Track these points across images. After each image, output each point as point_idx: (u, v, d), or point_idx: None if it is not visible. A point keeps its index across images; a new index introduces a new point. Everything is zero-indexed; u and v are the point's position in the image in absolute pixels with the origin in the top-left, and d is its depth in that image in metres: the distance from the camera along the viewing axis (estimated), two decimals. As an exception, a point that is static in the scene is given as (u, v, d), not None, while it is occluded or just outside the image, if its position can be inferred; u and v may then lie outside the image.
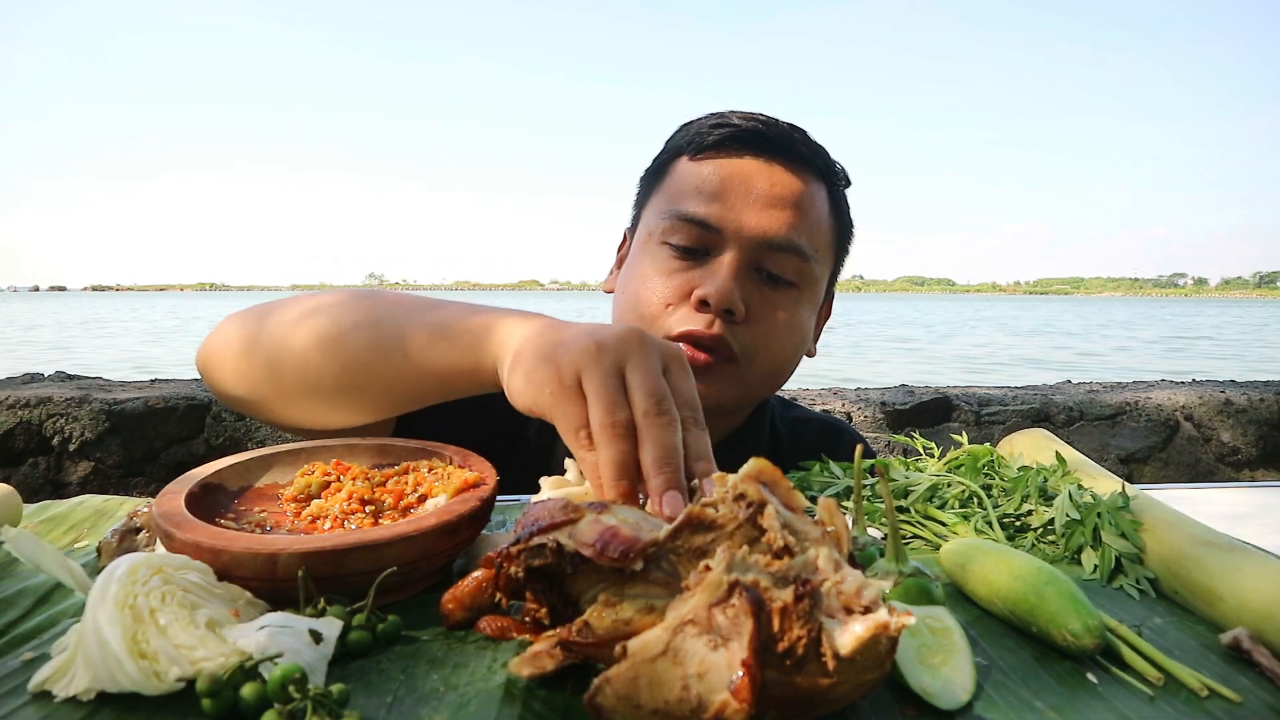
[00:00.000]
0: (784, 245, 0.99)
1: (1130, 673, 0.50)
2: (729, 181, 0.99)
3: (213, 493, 0.66)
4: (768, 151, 1.01)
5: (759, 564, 0.42)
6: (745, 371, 0.99)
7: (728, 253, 0.98)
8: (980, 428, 2.75)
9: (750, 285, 0.99)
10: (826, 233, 1.05)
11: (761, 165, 1.00)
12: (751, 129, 1.01)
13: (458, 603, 0.54)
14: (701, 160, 1.02)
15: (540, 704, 0.46)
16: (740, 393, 1.01)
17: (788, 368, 1.06)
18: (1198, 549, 0.61)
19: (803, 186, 1.01)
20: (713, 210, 0.98)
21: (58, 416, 2.36)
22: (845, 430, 1.26)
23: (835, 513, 0.49)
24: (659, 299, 0.99)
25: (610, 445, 0.59)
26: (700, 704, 0.39)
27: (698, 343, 0.96)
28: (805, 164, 1.03)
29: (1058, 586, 0.53)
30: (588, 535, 0.46)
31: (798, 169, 1.02)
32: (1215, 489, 1.02)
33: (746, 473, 0.47)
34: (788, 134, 1.02)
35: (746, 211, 0.98)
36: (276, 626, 0.46)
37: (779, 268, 1.00)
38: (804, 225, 1.00)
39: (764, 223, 0.98)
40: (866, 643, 0.40)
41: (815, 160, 1.04)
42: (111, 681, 0.44)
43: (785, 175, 1.00)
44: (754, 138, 1.01)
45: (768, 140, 1.01)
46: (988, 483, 0.82)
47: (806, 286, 1.03)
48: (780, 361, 1.03)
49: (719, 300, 0.95)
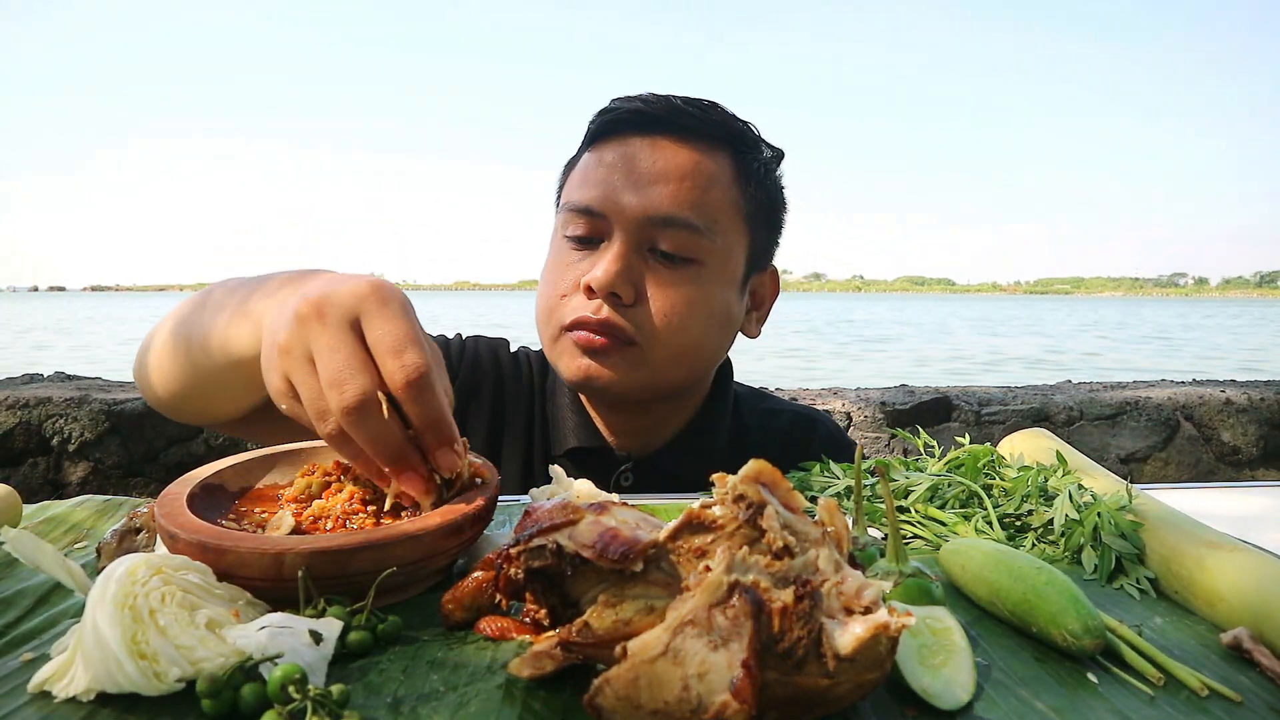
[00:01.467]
0: (670, 220, 0.96)
1: (1131, 673, 0.50)
2: (612, 165, 0.98)
3: (213, 494, 0.66)
4: (651, 129, 0.99)
5: (759, 565, 0.42)
6: (647, 354, 0.97)
7: (615, 236, 0.96)
8: (980, 427, 2.75)
9: (641, 266, 0.97)
10: (729, 204, 1.00)
11: (644, 143, 0.98)
12: (631, 109, 1.00)
13: (458, 603, 0.54)
14: (594, 150, 1.02)
15: (540, 704, 0.46)
16: (647, 376, 0.99)
17: (702, 348, 1.02)
18: (1198, 549, 0.61)
19: (692, 157, 0.98)
20: (595, 196, 0.97)
21: (57, 417, 2.36)
22: (820, 423, 1.22)
23: (835, 513, 0.49)
24: (555, 291, 1.00)
25: (362, 429, 0.55)
26: (700, 704, 0.39)
27: (588, 327, 0.95)
28: (695, 135, 0.99)
29: (1058, 586, 0.53)
30: (587, 536, 0.46)
31: (686, 140, 0.99)
32: (1216, 489, 1.02)
33: (746, 474, 0.47)
34: (673, 107, 0.99)
35: (627, 191, 0.96)
36: (276, 627, 0.46)
37: (671, 244, 0.97)
38: (693, 198, 0.97)
39: (645, 200, 0.96)
40: (867, 643, 0.40)
41: (708, 130, 1.00)
42: (111, 682, 0.43)
43: (669, 148, 0.98)
44: (634, 117, 1.00)
45: (650, 117, 0.99)
46: (988, 483, 0.82)
47: (710, 261, 0.99)
48: (686, 341, 0.99)
49: (601, 285, 0.94)
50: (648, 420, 1.08)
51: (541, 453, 1.10)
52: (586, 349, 0.96)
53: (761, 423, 1.18)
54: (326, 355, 0.56)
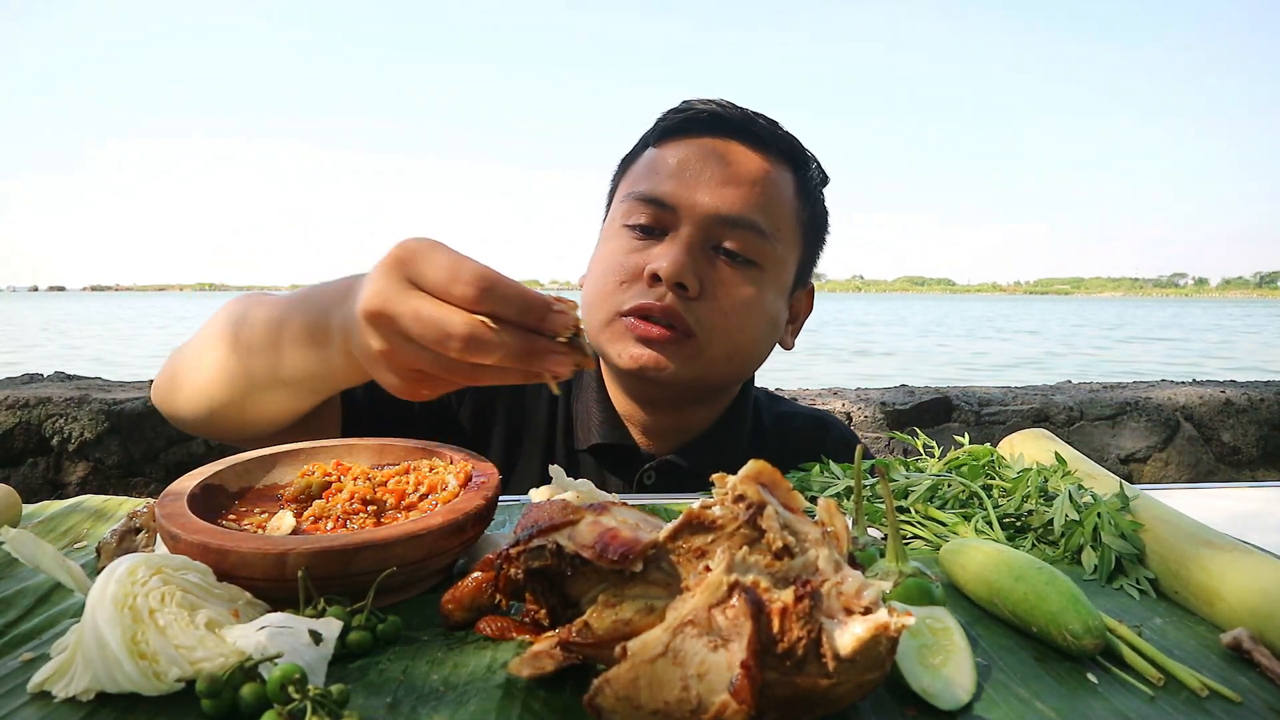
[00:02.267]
0: (740, 221, 0.98)
1: (1130, 673, 0.50)
2: (686, 160, 1.00)
3: (213, 494, 0.65)
4: (726, 132, 1.02)
5: (759, 565, 0.42)
6: (704, 348, 0.98)
7: (684, 229, 0.98)
8: (980, 428, 2.75)
9: (705, 261, 0.98)
10: (790, 215, 1.04)
11: (720, 143, 1.01)
12: (710, 111, 1.02)
13: (457, 603, 0.54)
14: (663, 145, 1.03)
15: (540, 704, 0.46)
16: (700, 370, 1.00)
17: (753, 350, 1.04)
18: (1198, 549, 0.61)
19: (763, 165, 1.01)
20: (668, 188, 0.98)
21: (57, 416, 2.36)
22: (832, 425, 1.24)
23: (835, 513, 0.49)
24: (615, 277, 1.00)
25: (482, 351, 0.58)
26: (700, 704, 0.39)
27: (650, 316, 0.96)
28: (765, 146, 1.02)
29: (1058, 586, 0.53)
30: (587, 537, 0.46)
31: (758, 149, 1.02)
32: (1216, 489, 1.02)
33: (746, 474, 0.47)
34: (749, 116, 1.02)
35: (701, 188, 0.98)
36: (276, 627, 0.46)
37: (737, 244, 0.98)
38: (762, 203, 0.99)
39: (719, 198, 0.97)
40: (866, 643, 0.40)
41: (778, 144, 1.04)
42: (111, 682, 0.43)
43: (744, 154, 1.00)
44: (713, 120, 1.02)
45: (727, 122, 1.02)
46: (988, 483, 0.82)
47: (769, 267, 1.01)
48: (742, 341, 1.01)
49: (670, 273, 0.94)
50: (678, 419, 1.08)
51: (564, 448, 1.10)
52: (643, 338, 0.96)
53: (777, 425, 1.20)
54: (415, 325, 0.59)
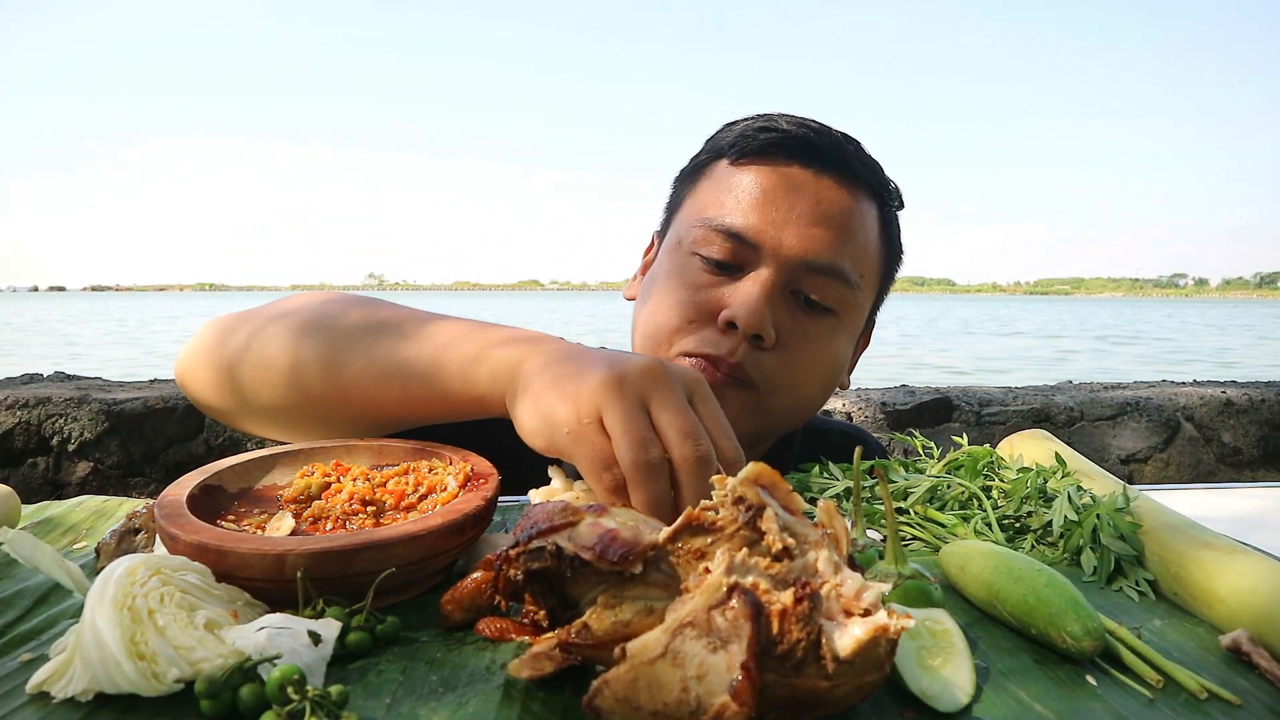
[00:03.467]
0: (827, 268, 0.89)
1: (1130, 675, 0.50)
2: (772, 192, 0.90)
3: (212, 494, 0.65)
4: (817, 162, 0.92)
5: (758, 567, 0.42)
6: (765, 401, 0.91)
7: (763, 270, 0.88)
8: (981, 428, 2.75)
9: (784, 309, 0.90)
10: (874, 257, 0.96)
11: (810, 177, 0.91)
12: (802, 136, 0.92)
13: (457, 604, 0.54)
14: (743, 166, 0.93)
15: (539, 706, 0.46)
16: (759, 423, 0.92)
17: (815, 402, 0.97)
18: (1198, 551, 0.61)
19: (853, 204, 0.92)
20: (751, 222, 0.89)
21: (57, 417, 2.36)
22: (865, 441, 1.19)
23: (834, 515, 0.49)
24: (682, 315, 0.91)
25: (645, 486, 0.56)
26: (699, 706, 0.39)
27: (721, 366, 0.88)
28: (857, 180, 0.93)
29: (1057, 589, 0.53)
30: (587, 538, 0.46)
31: (849, 184, 0.92)
32: (1216, 490, 1.02)
33: (745, 476, 0.47)
34: (840, 144, 0.93)
35: (789, 227, 0.89)
36: (275, 627, 0.46)
37: (819, 292, 0.90)
38: (850, 248, 0.91)
39: (807, 241, 0.89)
40: (866, 645, 0.40)
41: (868, 176, 0.95)
42: (110, 683, 0.43)
43: (835, 190, 0.91)
44: (803, 146, 0.92)
45: (818, 150, 0.92)
46: (987, 484, 0.82)
47: (846, 314, 0.93)
48: (807, 394, 0.94)
49: (748, 323, 0.86)
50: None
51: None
52: None
53: (813, 441, 1.14)
54: (626, 422, 0.57)
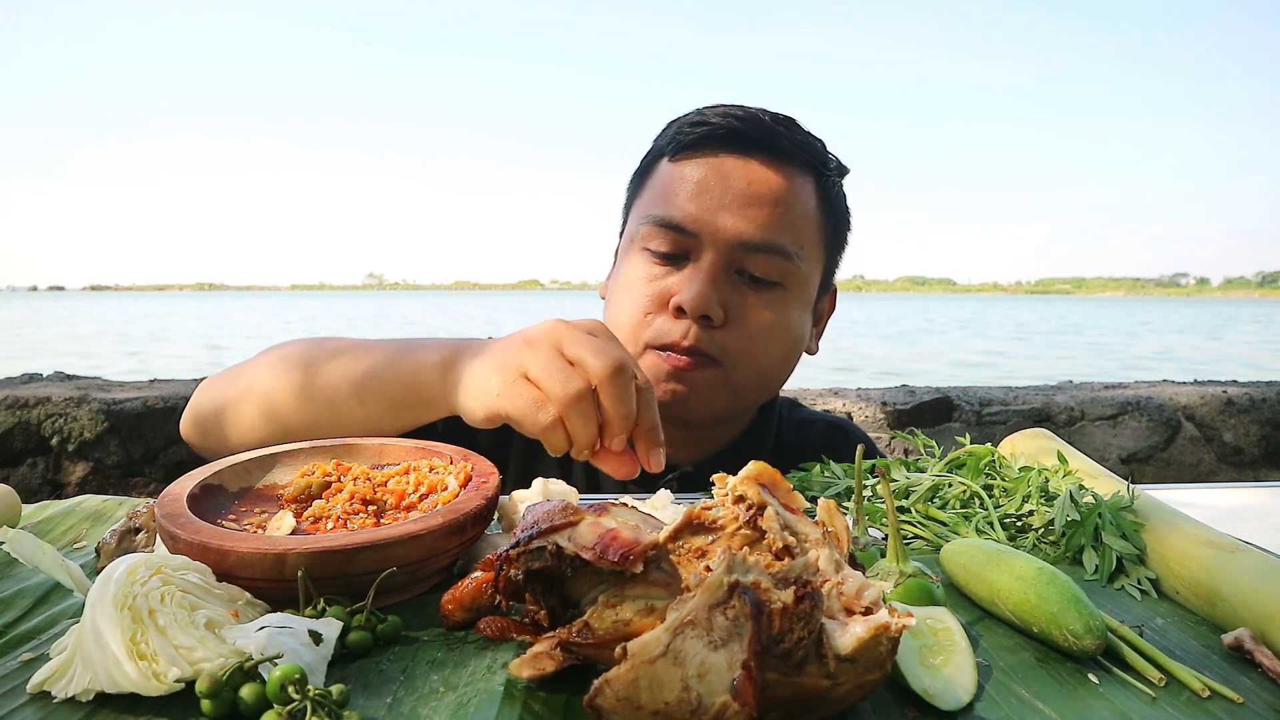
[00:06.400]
0: (764, 245, 0.96)
1: (1132, 673, 0.50)
2: (704, 182, 0.97)
3: (213, 494, 0.65)
4: (746, 148, 0.98)
5: (759, 565, 0.42)
6: (731, 376, 0.98)
7: (706, 256, 0.96)
8: (981, 427, 2.75)
9: (730, 288, 0.97)
10: (813, 228, 1.02)
11: (739, 163, 0.98)
12: (728, 125, 0.98)
13: (457, 603, 0.54)
14: (680, 161, 1.00)
15: (540, 705, 0.45)
16: (729, 399, 0.99)
17: (780, 370, 1.04)
18: (1200, 549, 0.61)
19: (784, 182, 0.98)
20: (688, 213, 0.96)
21: (56, 416, 2.36)
22: (851, 431, 1.24)
23: (835, 514, 0.49)
24: (639, 308, 0.98)
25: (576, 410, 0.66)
26: (701, 705, 0.39)
27: (677, 351, 0.95)
28: (787, 157, 0.99)
29: (1059, 587, 0.53)
30: (587, 538, 0.46)
31: (779, 163, 0.98)
32: (1217, 489, 1.02)
33: (746, 475, 0.47)
34: (767, 128, 0.99)
35: (723, 213, 0.95)
36: (276, 627, 0.46)
37: (760, 269, 0.97)
38: (786, 223, 0.97)
39: (741, 223, 0.95)
40: (867, 643, 0.40)
41: (800, 153, 1.00)
42: (110, 682, 0.43)
43: (764, 172, 0.97)
44: (731, 135, 0.98)
45: (745, 137, 0.98)
46: (989, 483, 0.82)
47: (793, 285, 1.00)
48: (769, 364, 1.01)
49: (694, 306, 0.93)
50: (702, 435, 1.07)
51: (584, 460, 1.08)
52: (672, 372, 0.96)
53: (797, 432, 1.18)
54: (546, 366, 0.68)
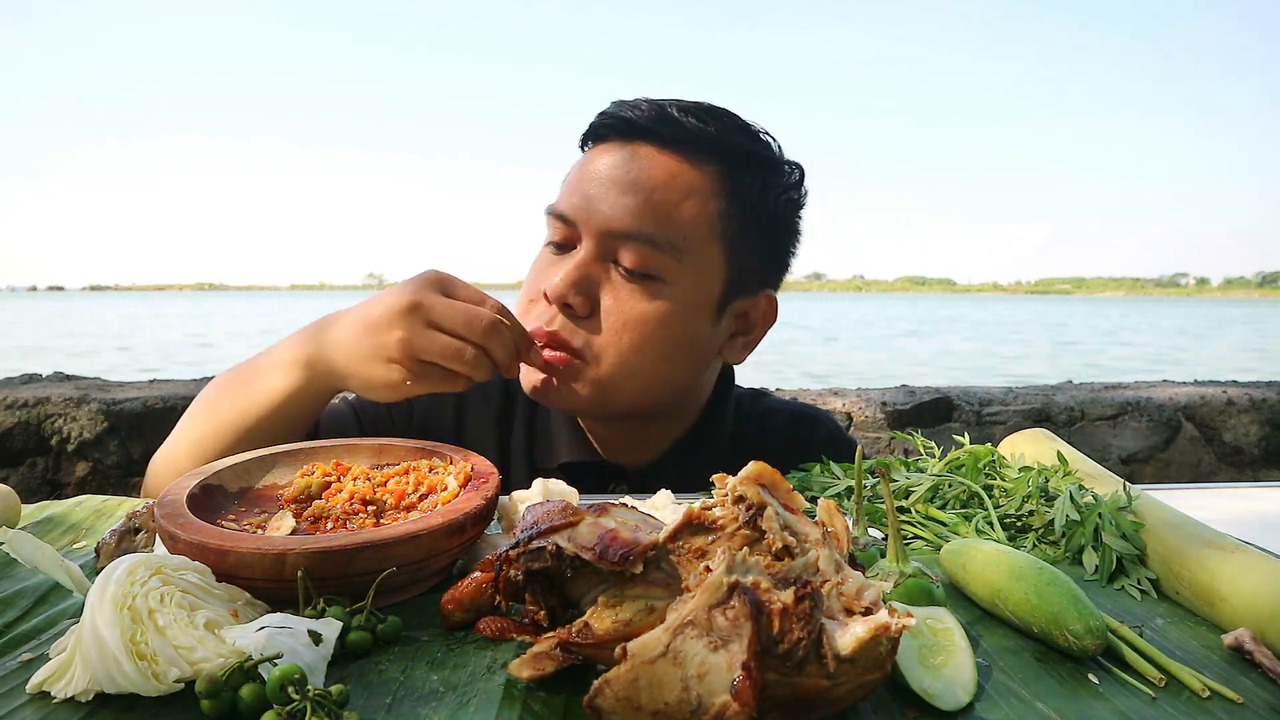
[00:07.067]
0: (634, 235, 0.91)
1: (1132, 673, 0.50)
2: (590, 171, 0.95)
3: (212, 494, 0.65)
4: (634, 136, 0.95)
5: (759, 565, 0.42)
6: (593, 370, 0.93)
7: (582, 245, 0.94)
8: (981, 427, 2.74)
9: (602, 279, 0.93)
10: (704, 220, 0.93)
11: (625, 151, 0.94)
12: (620, 115, 0.96)
13: (457, 604, 0.54)
14: (586, 152, 1.00)
15: (540, 705, 0.45)
16: (595, 394, 0.94)
17: (661, 369, 0.95)
18: (1200, 549, 0.61)
19: (667, 169, 0.93)
20: (573, 202, 0.95)
21: (56, 416, 2.36)
22: (819, 420, 1.18)
23: (835, 514, 0.49)
24: (525, 296, 0.99)
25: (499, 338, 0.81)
26: (700, 705, 0.39)
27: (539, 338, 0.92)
28: (678, 145, 0.94)
29: (1059, 587, 0.53)
30: (587, 538, 0.46)
31: (668, 150, 0.93)
32: (1218, 489, 1.02)
33: (746, 475, 0.47)
34: (659, 115, 0.94)
35: (601, 201, 0.92)
36: (275, 627, 0.46)
37: (631, 260, 0.92)
38: (660, 212, 0.91)
39: (611, 211, 0.92)
40: (867, 644, 0.40)
41: (696, 140, 0.94)
42: (110, 682, 0.43)
43: (647, 159, 0.93)
44: (620, 124, 0.96)
45: (633, 124, 0.95)
46: (989, 483, 0.82)
47: (675, 280, 0.93)
48: (640, 361, 0.93)
49: (553, 293, 0.92)
50: (643, 434, 1.05)
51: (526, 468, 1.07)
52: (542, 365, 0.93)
53: (760, 423, 1.14)
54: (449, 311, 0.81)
